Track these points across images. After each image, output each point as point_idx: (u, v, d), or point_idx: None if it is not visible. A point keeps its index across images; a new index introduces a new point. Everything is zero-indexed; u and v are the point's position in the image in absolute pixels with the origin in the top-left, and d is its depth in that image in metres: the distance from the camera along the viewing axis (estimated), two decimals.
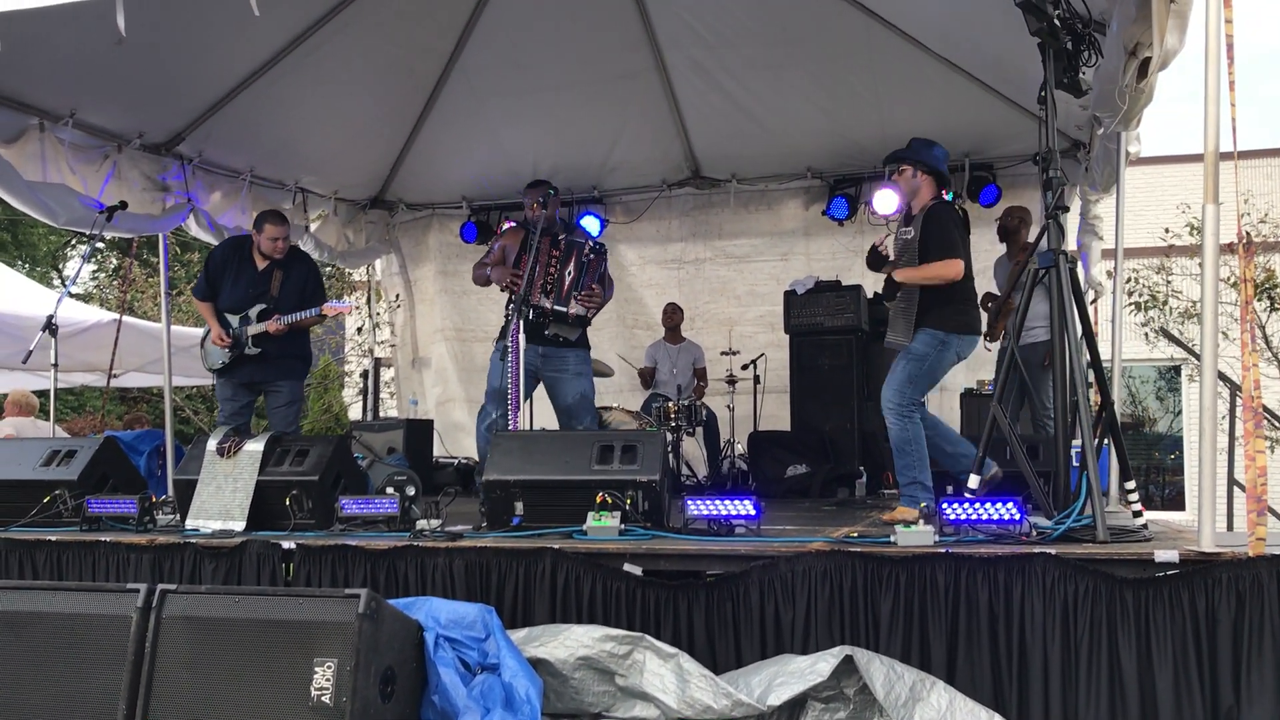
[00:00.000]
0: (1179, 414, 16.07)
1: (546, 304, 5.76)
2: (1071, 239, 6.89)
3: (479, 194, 9.25)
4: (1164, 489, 16.07)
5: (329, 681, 3.08)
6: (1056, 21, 4.07)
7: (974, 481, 4.28)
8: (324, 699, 3.07)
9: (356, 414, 13.80)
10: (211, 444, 4.94)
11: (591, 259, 5.91)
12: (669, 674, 3.46)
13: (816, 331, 7.90)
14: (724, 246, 9.13)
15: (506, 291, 5.73)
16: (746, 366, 8.38)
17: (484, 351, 9.35)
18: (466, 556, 4.05)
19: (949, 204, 5.22)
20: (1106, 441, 4.39)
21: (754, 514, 4.18)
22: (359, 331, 13.33)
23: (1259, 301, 11.39)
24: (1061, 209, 4.26)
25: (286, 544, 4.29)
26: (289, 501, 4.67)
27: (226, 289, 6.28)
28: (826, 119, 7.78)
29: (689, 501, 4.28)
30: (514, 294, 5.58)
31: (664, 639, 3.62)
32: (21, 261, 19.71)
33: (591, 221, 8.75)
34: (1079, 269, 4.75)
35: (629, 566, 3.88)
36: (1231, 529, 9.49)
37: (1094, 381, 4.36)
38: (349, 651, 3.09)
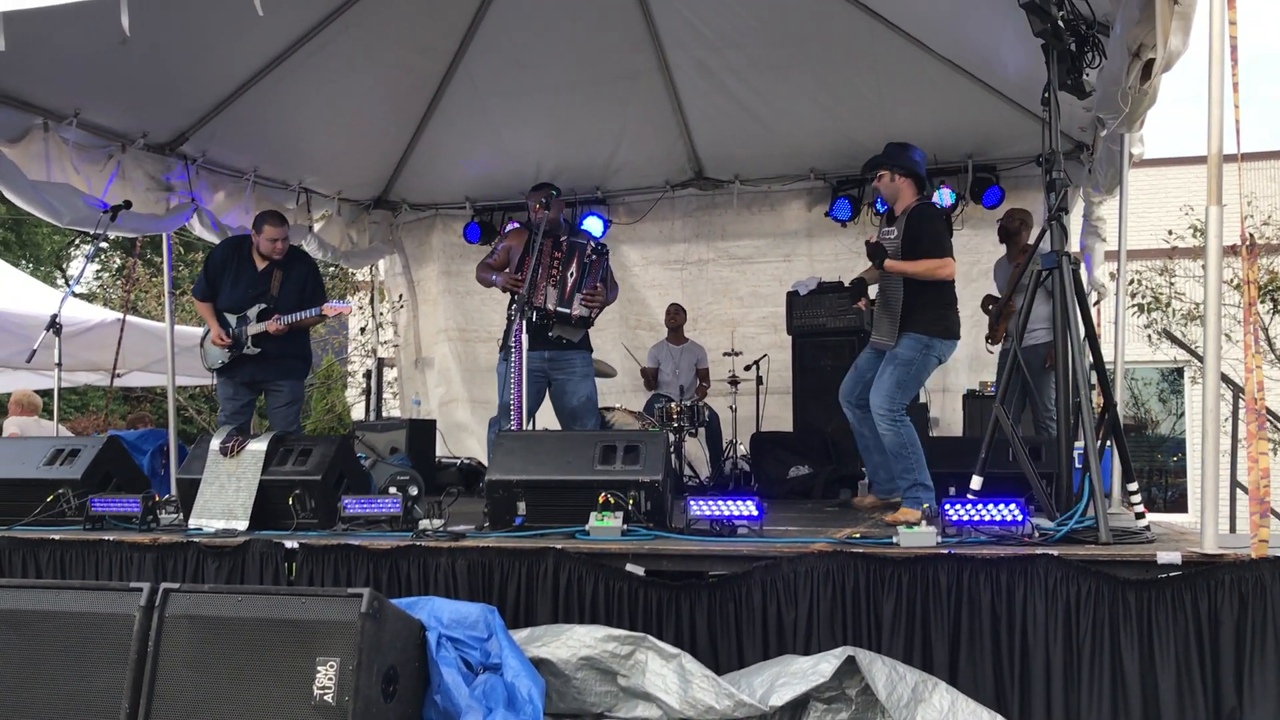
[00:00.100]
0: (1181, 416, 16.05)
1: (550, 305, 5.77)
2: (1074, 241, 6.88)
3: (481, 193, 9.26)
4: (1166, 491, 16.05)
5: (331, 681, 3.08)
6: (1060, 23, 4.07)
7: (976, 482, 4.28)
8: (326, 698, 3.07)
9: (359, 414, 13.80)
10: (215, 443, 4.95)
11: (594, 259, 5.92)
12: (671, 674, 3.46)
13: (819, 333, 7.90)
14: (727, 247, 9.13)
15: (511, 294, 5.75)
16: (749, 367, 8.38)
17: (487, 352, 9.37)
18: (469, 556, 4.05)
19: (933, 204, 5.27)
20: (1109, 443, 4.39)
21: (756, 515, 4.18)
22: (362, 331, 13.35)
23: (1262, 304, 11.37)
24: (1063, 210, 4.26)
25: (289, 543, 4.30)
26: (292, 501, 4.67)
27: (226, 289, 6.28)
28: (830, 120, 7.78)
29: (691, 502, 4.29)
30: (516, 296, 5.59)
31: (666, 639, 3.62)
32: (25, 261, 19.74)
33: (594, 222, 8.76)
34: (1082, 271, 4.75)
35: (631, 567, 3.88)
36: (1234, 531, 9.48)
37: (1097, 383, 4.36)
38: (351, 651, 3.09)
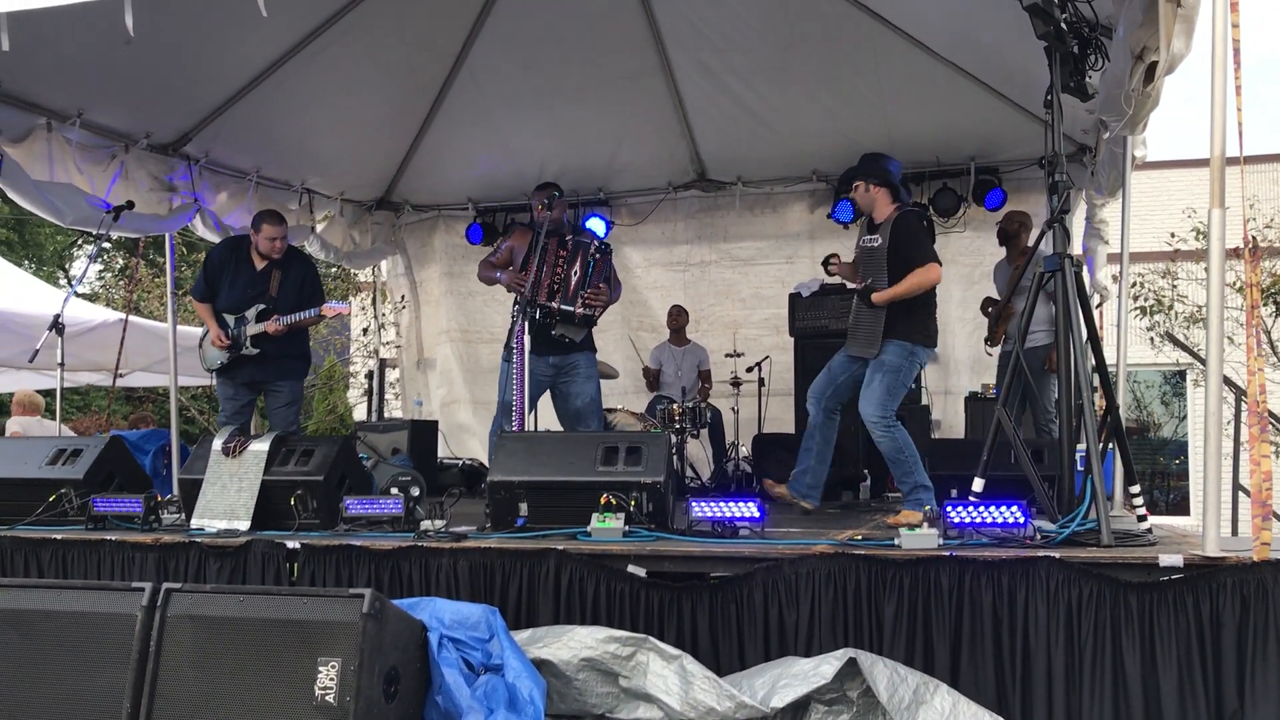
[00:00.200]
0: (1184, 419, 16.04)
1: (553, 304, 5.77)
2: (1077, 243, 6.88)
3: (483, 194, 9.26)
4: (1168, 494, 16.04)
5: (333, 681, 3.08)
6: (1063, 25, 4.07)
7: (978, 485, 4.28)
8: (328, 698, 3.08)
9: (361, 415, 13.78)
10: (217, 444, 4.95)
11: (598, 259, 5.93)
12: (672, 675, 3.46)
13: (821, 334, 7.88)
14: (729, 249, 9.13)
15: (513, 293, 5.75)
16: (751, 369, 8.38)
17: (489, 353, 9.37)
18: (471, 557, 4.05)
19: (917, 211, 5.35)
20: (1111, 446, 4.39)
21: (758, 516, 4.18)
22: (364, 332, 13.33)
23: (1265, 306, 11.37)
24: (1065, 212, 4.26)
25: (291, 544, 4.30)
26: (294, 501, 4.68)
27: (225, 290, 6.28)
28: (832, 121, 7.78)
29: (693, 503, 4.28)
30: (519, 295, 5.59)
31: (668, 640, 3.62)
32: (28, 261, 19.74)
33: (597, 223, 8.75)
34: (1084, 273, 4.75)
35: (633, 568, 3.88)
36: (1236, 534, 9.46)
37: (1099, 386, 4.36)
38: (353, 651, 3.09)
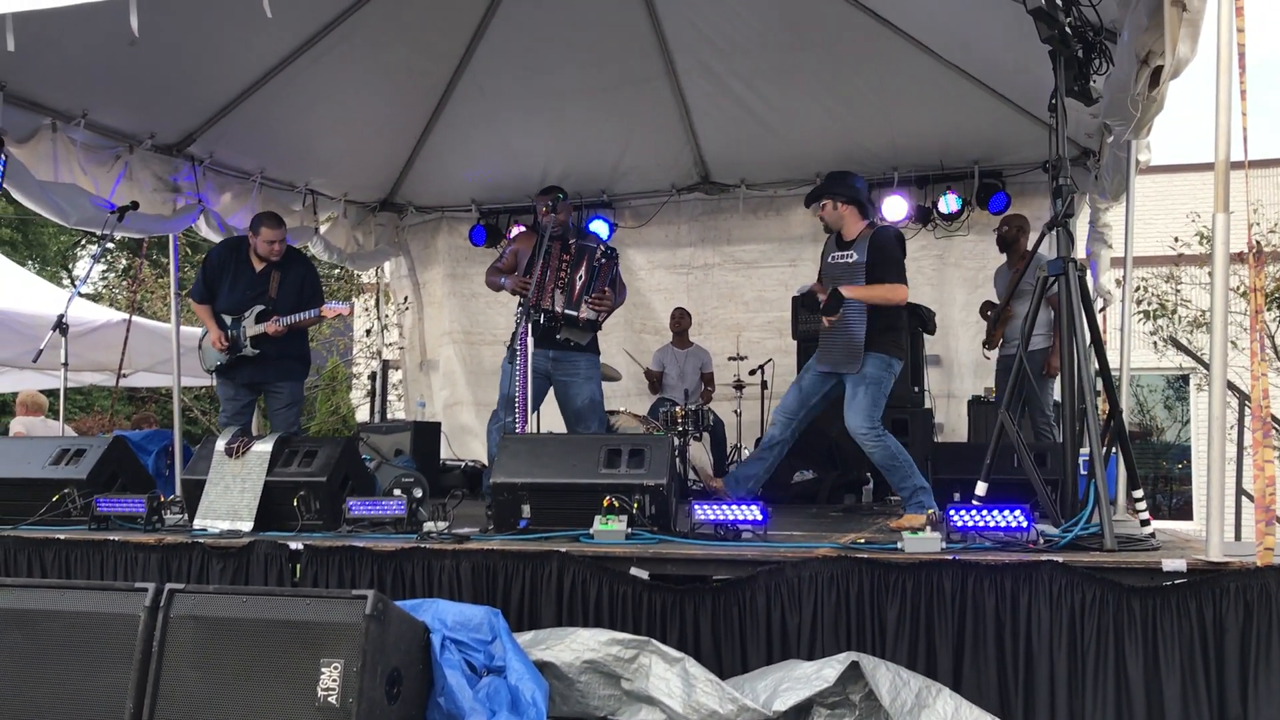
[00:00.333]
0: (1187, 423, 16.03)
1: (557, 308, 5.78)
2: (1080, 247, 6.88)
3: (487, 196, 9.27)
4: (1171, 498, 16.02)
5: (335, 682, 3.09)
6: (1068, 29, 4.06)
7: (981, 489, 4.28)
8: (330, 699, 3.08)
9: (364, 416, 13.79)
10: (220, 444, 4.95)
11: (603, 263, 5.93)
12: (675, 678, 3.46)
13: None
14: (733, 252, 9.13)
15: (518, 296, 5.75)
16: (754, 372, 8.38)
17: (492, 355, 9.38)
18: (473, 559, 4.05)
19: (892, 228, 5.44)
20: (1114, 450, 4.39)
21: (761, 519, 4.18)
22: (367, 333, 13.35)
23: (1268, 311, 11.37)
24: (1069, 216, 4.26)
25: (294, 544, 4.30)
26: (297, 502, 4.68)
27: (224, 291, 6.27)
28: (836, 125, 7.78)
29: (696, 506, 4.29)
30: (523, 299, 5.59)
31: (670, 643, 3.62)
32: (32, 261, 19.76)
33: (600, 225, 8.77)
34: (1088, 277, 4.75)
35: (635, 570, 3.88)
36: (1239, 539, 9.45)
37: (1102, 390, 4.35)
38: (356, 652, 3.09)
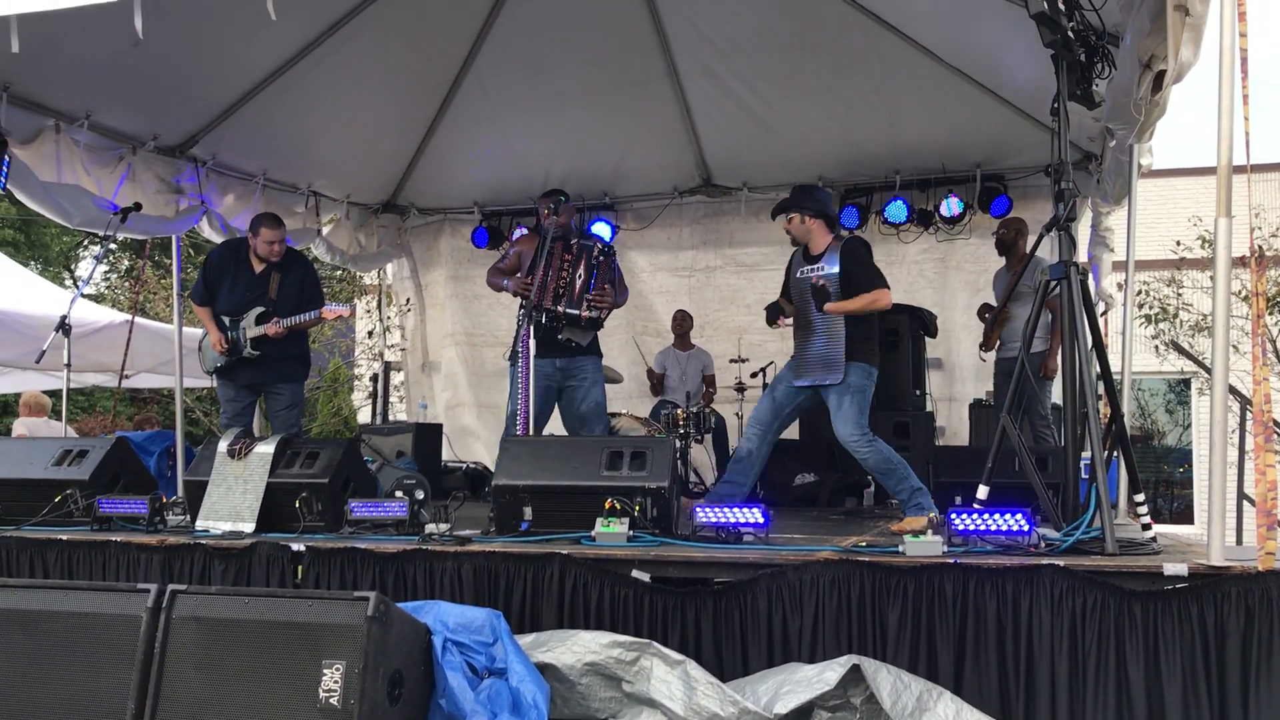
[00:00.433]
0: (1188, 427, 16.02)
1: (559, 307, 5.78)
2: (1082, 251, 6.88)
3: (489, 198, 9.27)
4: (1173, 502, 16.02)
5: (337, 684, 3.09)
6: (1070, 33, 4.06)
7: (982, 492, 4.28)
8: (332, 701, 3.08)
9: (366, 417, 13.81)
10: (222, 446, 4.96)
11: (601, 261, 5.93)
12: (676, 681, 3.46)
13: None
14: (734, 255, 9.13)
15: (520, 298, 5.75)
16: (756, 374, 8.37)
17: (494, 356, 9.38)
18: (475, 561, 4.06)
19: (859, 239, 5.53)
20: (1116, 454, 4.39)
21: (762, 522, 4.19)
22: (369, 335, 13.36)
23: (1270, 315, 11.37)
24: (1071, 220, 4.26)
25: (296, 546, 4.30)
26: (299, 504, 4.68)
27: (224, 293, 6.27)
28: (838, 128, 7.78)
29: (697, 509, 4.29)
30: (525, 300, 5.60)
31: (671, 646, 3.62)
32: (34, 262, 19.78)
33: (602, 228, 8.78)
34: (1089, 281, 4.75)
35: (637, 573, 3.88)
36: (1240, 543, 9.45)
37: (1104, 394, 4.36)
38: (357, 654, 3.10)
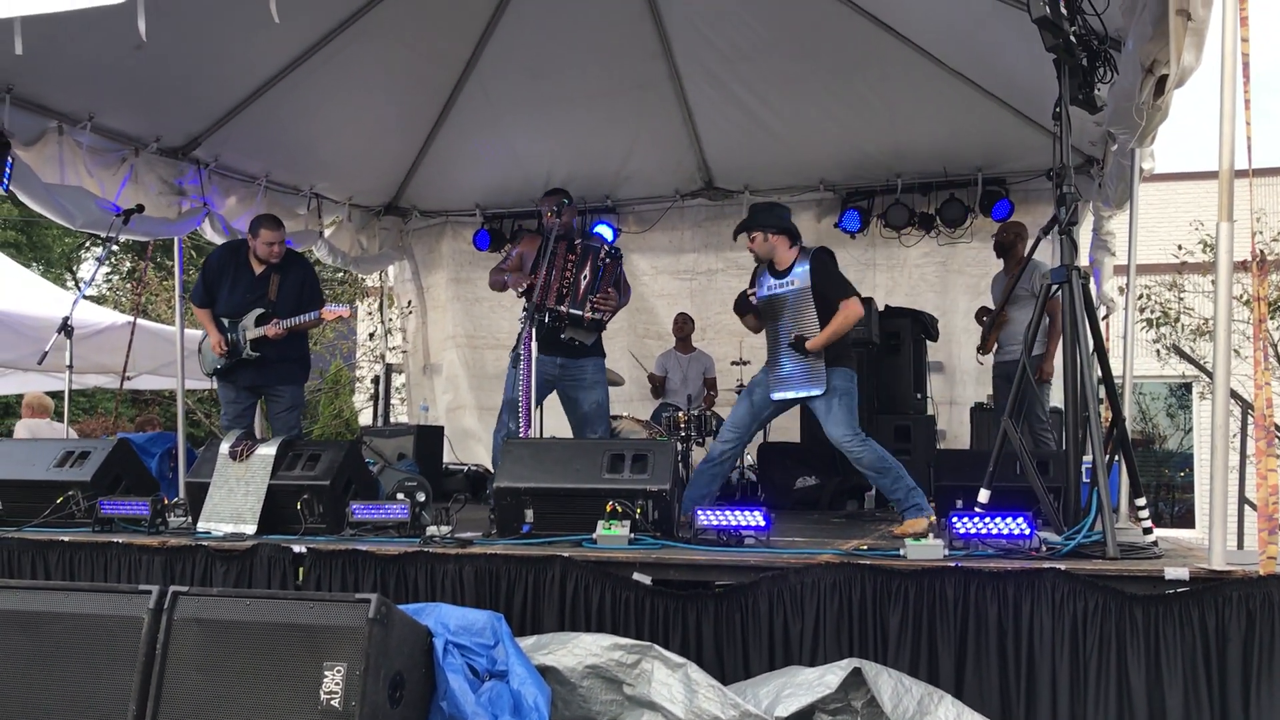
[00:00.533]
0: (1190, 431, 16.02)
1: (562, 307, 5.78)
2: (1084, 255, 6.88)
3: (491, 200, 9.28)
4: (1174, 506, 16.01)
5: (338, 686, 3.09)
6: (1072, 38, 4.06)
7: (984, 496, 4.28)
8: (333, 703, 3.08)
9: (367, 419, 13.82)
10: (224, 447, 4.97)
11: (607, 263, 5.93)
12: (677, 684, 3.46)
13: None
14: (736, 258, 9.10)
15: (523, 297, 5.75)
16: None
17: (495, 359, 9.39)
18: (476, 563, 4.06)
19: (826, 248, 5.58)
20: (1117, 458, 4.39)
21: (763, 525, 4.19)
22: (371, 337, 13.39)
23: (1271, 320, 11.36)
24: (1073, 224, 4.26)
25: (297, 548, 4.31)
26: (300, 506, 4.69)
27: (224, 294, 6.26)
28: (840, 131, 7.79)
29: (698, 512, 4.30)
30: (528, 300, 5.60)
31: (672, 649, 3.62)
32: (36, 263, 19.80)
33: (604, 230, 8.78)
34: (1091, 285, 4.76)
35: (638, 576, 3.89)
36: (1242, 547, 9.45)
37: (1105, 397, 4.36)
38: (359, 656, 3.10)
